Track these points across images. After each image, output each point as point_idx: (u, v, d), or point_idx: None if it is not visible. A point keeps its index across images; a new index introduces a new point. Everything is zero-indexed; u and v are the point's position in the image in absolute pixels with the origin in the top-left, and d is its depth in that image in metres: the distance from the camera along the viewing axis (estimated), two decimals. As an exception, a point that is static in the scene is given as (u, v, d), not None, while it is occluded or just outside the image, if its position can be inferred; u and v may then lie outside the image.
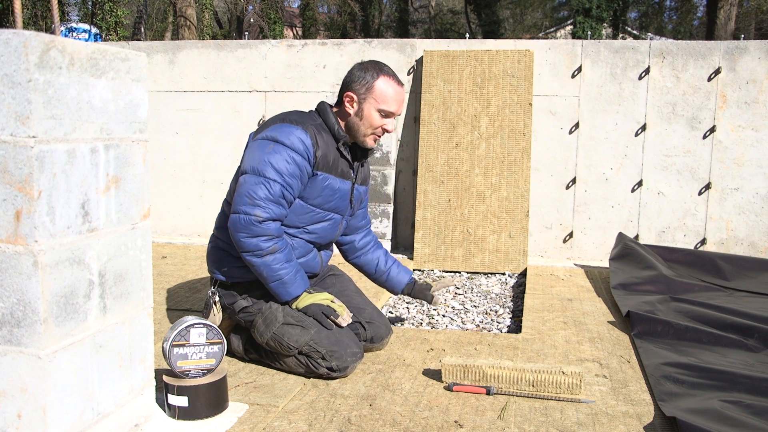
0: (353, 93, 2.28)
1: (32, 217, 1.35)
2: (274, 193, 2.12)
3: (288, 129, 2.18)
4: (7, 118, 1.34)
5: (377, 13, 21.69)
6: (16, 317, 1.39)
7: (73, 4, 15.50)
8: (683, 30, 23.88)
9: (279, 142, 2.15)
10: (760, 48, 4.13)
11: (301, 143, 2.16)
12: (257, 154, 2.16)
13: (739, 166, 4.18)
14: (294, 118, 2.24)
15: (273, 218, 2.13)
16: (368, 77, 2.27)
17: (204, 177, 4.86)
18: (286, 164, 2.13)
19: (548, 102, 4.36)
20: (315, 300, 2.23)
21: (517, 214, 4.15)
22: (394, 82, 2.29)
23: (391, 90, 2.27)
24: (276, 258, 2.14)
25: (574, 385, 2.05)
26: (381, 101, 2.26)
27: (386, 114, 2.28)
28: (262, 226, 2.11)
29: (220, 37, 19.59)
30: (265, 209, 2.11)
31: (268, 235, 2.12)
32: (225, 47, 4.77)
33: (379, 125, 2.29)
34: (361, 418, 1.90)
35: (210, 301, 2.35)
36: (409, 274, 2.69)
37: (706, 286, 3.45)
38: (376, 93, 2.25)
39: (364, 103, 2.27)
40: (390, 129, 2.32)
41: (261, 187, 2.11)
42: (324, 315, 2.20)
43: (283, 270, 2.16)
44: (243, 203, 2.11)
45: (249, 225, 2.10)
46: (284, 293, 2.20)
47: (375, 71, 2.28)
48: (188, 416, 1.83)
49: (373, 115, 2.27)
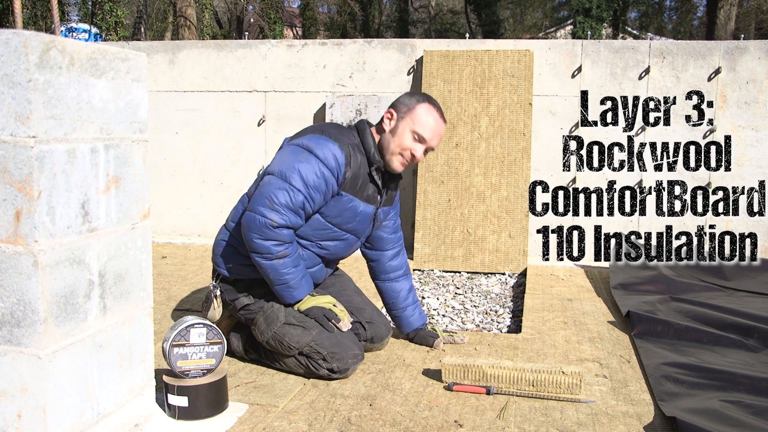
0: (395, 110, 2.28)
1: (32, 217, 1.35)
2: (295, 202, 2.11)
3: (324, 142, 2.16)
4: (7, 118, 1.34)
5: (377, 13, 21.69)
6: (16, 317, 1.39)
7: (73, 4, 15.50)
8: (683, 30, 23.87)
9: (312, 153, 2.13)
10: (760, 48, 4.14)
11: (334, 159, 2.14)
12: (288, 159, 2.14)
13: (740, 166, 4.18)
14: (333, 132, 2.22)
15: (288, 225, 2.12)
16: (413, 101, 2.27)
17: (204, 177, 4.86)
18: (315, 177, 2.11)
19: (548, 102, 4.36)
20: (318, 303, 2.22)
21: (517, 214, 4.15)
22: (437, 113, 2.27)
23: (430, 118, 2.25)
24: (284, 263, 2.13)
25: (574, 385, 2.05)
26: (417, 123, 2.24)
27: (419, 138, 2.25)
28: (276, 231, 2.10)
29: (220, 37, 19.59)
30: (282, 215, 2.10)
31: (280, 241, 2.11)
32: (225, 47, 4.77)
33: (408, 147, 2.25)
34: (361, 418, 1.90)
35: (211, 294, 2.34)
36: (423, 321, 2.60)
37: (706, 286, 3.46)
38: (415, 115, 2.24)
39: (401, 121, 2.25)
40: (418, 156, 2.26)
41: (284, 193, 2.10)
42: (326, 318, 2.19)
43: (289, 274, 2.15)
44: (262, 204, 2.10)
45: (263, 227, 2.09)
46: (288, 296, 2.19)
47: (422, 98, 2.28)
48: (188, 416, 1.83)
49: (406, 134, 2.24)
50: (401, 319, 2.58)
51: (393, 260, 2.55)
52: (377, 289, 2.61)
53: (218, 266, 2.33)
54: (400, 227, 2.60)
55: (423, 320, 2.60)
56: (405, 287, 2.57)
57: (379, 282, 2.59)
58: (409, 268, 2.64)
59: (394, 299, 2.56)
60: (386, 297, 2.58)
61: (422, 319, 2.60)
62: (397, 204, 2.55)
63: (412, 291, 2.61)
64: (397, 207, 2.54)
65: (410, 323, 2.57)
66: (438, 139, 2.29)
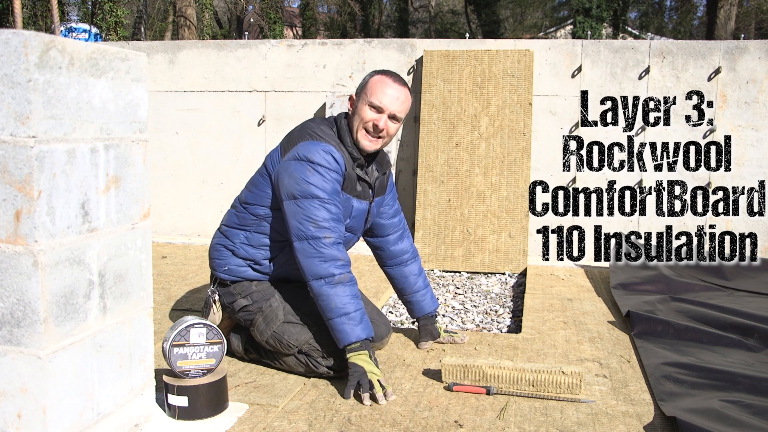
0: (354, 95, 2.28)
1: (32, 217, 1.35)
2: (333, 212, 2.10)
3: (319, 147, 2.13)
4: (7, 118, 1.34)
5: (377, 13, 21.68)
6: (16, 317, 1.39)
7: (73, 4, 15.49)
8: (683, 30, 23.87)
9: (315, 162, 2.11)
10: (760, 48, 4.13)
11: (334, 161, 2.13)
12: (298, 177, 2.10)
13: (740, 166, 4.18)
14: (320, 133, 2.20)
15: (339, 240, 2.10)
16: (366, 78, 2.26)
17: (204, 177, 4.86)
18: (330, 183, 2.11)
19: (548, 102, 4.36)
20: (368, 367, 2.05)
21: (517, 214, 4.15)
22: (389, 79, 2.21)
23: (383, 86, 2.20)
24: (345, 289, 2.06)
25: (574, 384, 2.05)
26: (371, 94, 2.20)
27: (377, 108, 2.20)
28: (334, 247, 2.07)
29: (220, 37, 19.59)
30: (332, 230, 2.07)
31: (341, 260, 2.08)
32: (225, 47, 4.77)
33: (370, 119, 2.20)
34: (361, 418, 1.90)
35: (209, 299, 2.35)
36: (435, 305, 2.56)
37: (706, 286, 3.46)
38: (368, 88, 2.22)
39: (359, 100, 2.24)
40: (381, 125, 2.20)
41: (320, 210, 2.08)
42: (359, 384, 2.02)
43: (350, 304, 2.06)
44: (307, 228, 2.06)
45: (321, 248, 2.06)
46: (349, 330, 2.04)
47: (374, 72, 2.26)
48: (188, 416, 1.83)
49: (365, 109, 2.21)
50: (413, 304, 2.54)
51: (397, 244, 2.52)
52: (386, 275, 2.59)
53: (215, 270, 2.33)
54: (401, 210, 2.56)
55: (435, 305, 2.57)
56: (414, 271, 2.54)
57: (387, 268, 2.56)
58: (417, 250, 2.60)
59: (403, 284, 2.53)
60: (396, 283, 2.55)
61: (434, 303, 2.57)
62: (392, 188, 2.50)
63: (422, 274, 2.57)
64: (393, 191, 2.51)
65: (422, 308, 2.54)
66: (398, 104, 2.20)
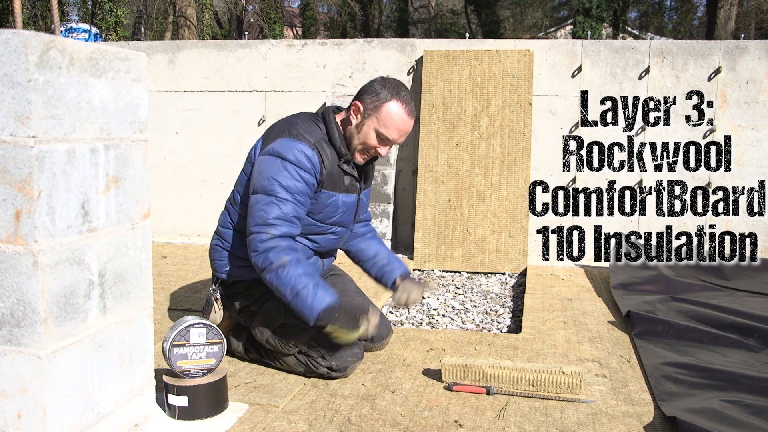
0: (362, 104, 2.19)
1: (32, 217, 1.35)
2: (286, 212, 2.09)
3: (295, 145, 2.12)
4: (7, 118, 1.34)
5: (377, 13, 21.68)
6: (16, 317, 1.39)
7: (73, 4, 15.50)
8: (683, 30, 23.87)
9: (286, 159, 2.10)
10: (760, 48, 4.13)
11: (308, 160, 2.11)
12: (266, 172, 2.12)
13: (740, 166, 4.18)
14: (301, 131, 2.17)
15: (283, 235, 2.10)
16: (382, 95, 2.17)
17: (204, 177, 4.86)
18: (296, 182, 2.10)
19: (548, 102, 4.36)
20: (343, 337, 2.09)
21: (517, 214, 4.15)
22: (405, 111, 2.17)
23: (397, 118, 2.16)
24: (288, 271, 2.05)
25: (574, 384, 2.05)
26: (383, 125, 2.17)
27: (384, 140, 2.19)
28: (271, 242, 2.07)
29: (220, 37, 19.59)
30: (277, 227, 2.08)
31: (277, 247, 2.07)
32: (225, 47, 4.77)
33: (373, 146, 2.20)
34: (361, 418, 1.90)
35: (211, 298, 2.35)
36: (404, 269, 2.49)
37: (706, 286, 3.46)
38: (382, 115, 2.16)
39: (367, 119, 2.18)
40: (382, 154, 2.23)
41: (273, 207, 2.08)
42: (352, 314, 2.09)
43: (299, 283, 2.03)
44: (255, 223, 2.08)
45: (258, 243, 2.07)
46: (307, 311, 2.04)
47: (391, 92, 2.17)
48: (188, 416, 1.83)
49: (371, 134, 2.19)
50: (382, 272, 2.46)
51: (361, 228, 2.51)
52: (348, 255, 2.54)
53: (216, 270, 2.34)
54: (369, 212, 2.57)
55: (404, 268, 2.48)
56: (374, 243, 2.51)
57: (346, 247, 2.51)
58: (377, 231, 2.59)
59: (364, 252, 2.48)
60: (358, 256, 2.50)
61: (402, 267, 2.48)
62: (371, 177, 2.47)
63: (384, 245, 2.54)
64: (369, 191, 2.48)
65: (392, 270, 2.45)
66: (404, 135, 2.22)
